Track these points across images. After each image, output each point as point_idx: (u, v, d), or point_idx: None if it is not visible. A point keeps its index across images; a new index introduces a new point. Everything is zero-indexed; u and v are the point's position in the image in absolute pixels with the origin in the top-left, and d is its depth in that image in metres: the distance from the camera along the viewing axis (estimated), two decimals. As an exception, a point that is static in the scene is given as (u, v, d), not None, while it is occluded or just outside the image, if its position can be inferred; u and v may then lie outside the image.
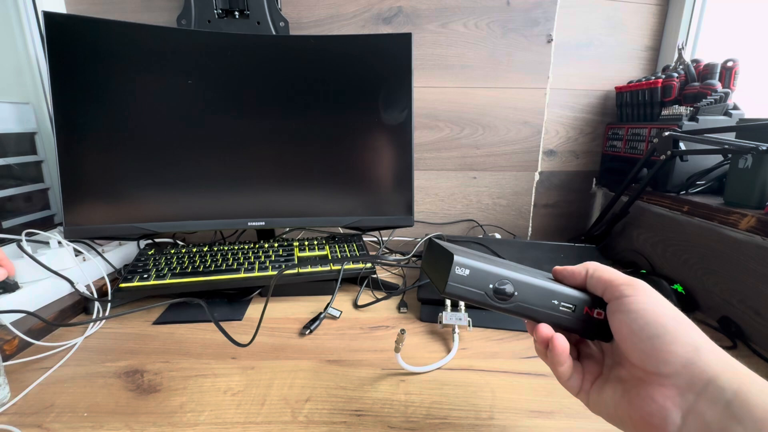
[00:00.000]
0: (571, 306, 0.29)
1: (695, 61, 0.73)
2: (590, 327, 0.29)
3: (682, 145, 0.64)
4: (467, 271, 0.28)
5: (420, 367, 0.45)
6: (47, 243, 0.60)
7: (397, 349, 0.43)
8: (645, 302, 0.24)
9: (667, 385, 0.22)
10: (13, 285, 0.53)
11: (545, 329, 0.29)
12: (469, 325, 0.52)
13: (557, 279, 0.31)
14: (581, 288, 0.30)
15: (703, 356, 0.21)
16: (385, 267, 0.77)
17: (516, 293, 0.29)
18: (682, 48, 0.76)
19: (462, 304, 0.54)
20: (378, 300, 0.63)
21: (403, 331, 0.43)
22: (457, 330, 0.51)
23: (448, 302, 0.54)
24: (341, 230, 0.84)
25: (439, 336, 0.53)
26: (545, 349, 0.29)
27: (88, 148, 0.63)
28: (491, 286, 0.29)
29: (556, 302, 0.29)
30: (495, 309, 0.29)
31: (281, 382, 0.43)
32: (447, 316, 0.52)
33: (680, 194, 0.68)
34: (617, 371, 0.27)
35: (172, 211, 0.68)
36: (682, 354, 0.22)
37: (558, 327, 0.30)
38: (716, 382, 0.20)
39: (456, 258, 0.28)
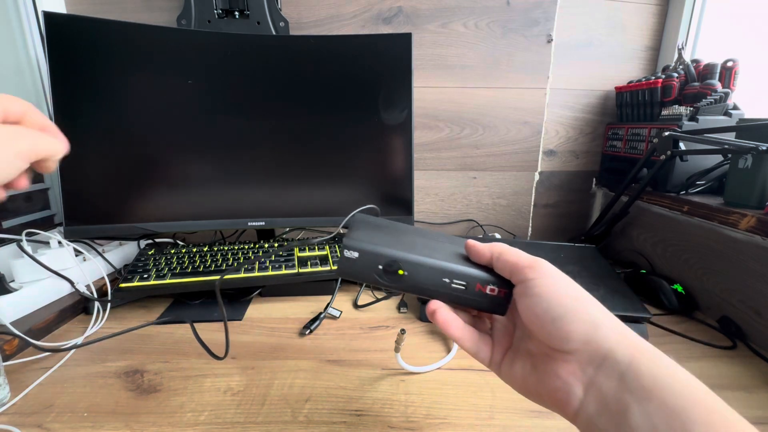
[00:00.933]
0: (462, 284, 0.29)
1: (695, 61, 0.73)
2: (484, 303, 0.30)
3: (682, 145, 0.64)
4: (356, 254, 0.29)
5: (420, 367, 0.45)
6: (47, 243, 0.60)
7: (397, 349, 0.43)
8: (547, 284, 0.25)
9: (570, 361, 0.23)
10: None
11: (432, 304, 0.29)
12: None
13: (468, 255, 0.31)
14: (489, 266, 0.30)
15: (601, 332, 0.22)
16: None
17: (406, 273, 0.29)
18: (682, 48, 0.76)
19: None
20: (378, 300, 0.63)
21: (403, 331, 0.43)
22: None
23: None
24: (341, 230, 0.84)
25: (439, 336, 0.53)
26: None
27: (87, 148, 0.63)
28: (380, 267, 0.29)
29: (447, 280, 0.29)
30: (389, 287, 0.30)
31: (281, 382, 0.43)
32: None
33: (680, 194, 0.68)
34: (526, 344, 0.27)
35: (172, 211, 0.68)
36: (582, 332, 0.22)
37: (454, 303, 0.30)
38: (612, 356, 0.21)
39: (345, 241, 0.29)
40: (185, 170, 0.67)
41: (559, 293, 0.24)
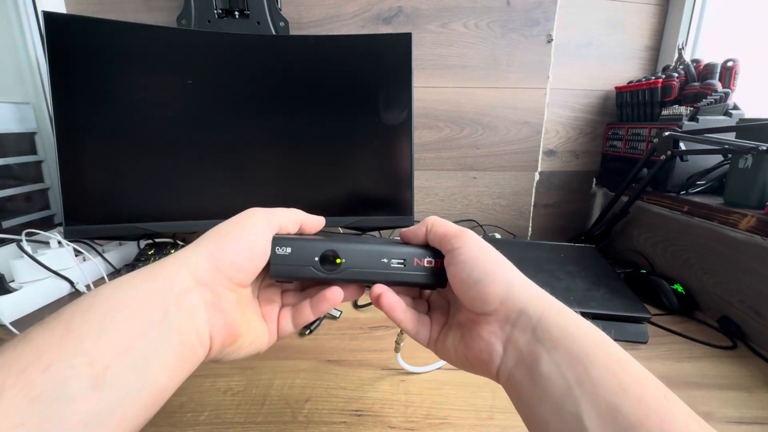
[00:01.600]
0: (401, 260, 0.29)
1: (695, 61, 0.73)
2: (424, 277, 0.30)
3: (682, 145, 0.64)
4: (288, 249, 0.28)
5: (420, 367, 0.45)
6: (47, 243, 0.60)
7: (396, 349, 0.43)
8: (471, 251, 0.26)
9: (491, 321, 0.25)
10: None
11: (376, 288, 0.29)
12: None
13: (405, 241, 0.32)
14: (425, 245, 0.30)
15: (516, 291, 0.24)
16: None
17: (344, 260, 0.29)
18: (682, 48, 0.76)
19: None
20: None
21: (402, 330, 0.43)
22: None
23: None
24: (341, 230, 0.84)
25: (439, 336, 0.53)
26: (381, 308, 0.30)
27: (88, 148, 0.63)
28: (316, 258, 0.28)
29: (386, 260, 0.29)
30: (327, 281, 0.29)
31: (281, 382, 0.43)
32: None
33: (680, 194, 0.68)
34: (457, 317, 0.29)
35: (172, 211, 0.68)
36: (500, 292, 0.24)
37: (396, 285, 0.30)
38: (526, 312, 0.23)
39: (274, 240, 0.28)
40: (185, 170, 0.67)
41: (480, 259, 0.26)
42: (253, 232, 0.26)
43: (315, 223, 0.32)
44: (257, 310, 0.30)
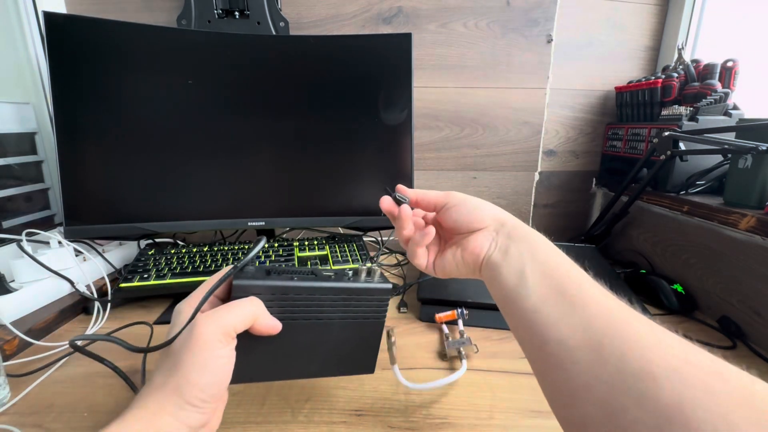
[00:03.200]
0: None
1: (695, 61, 0.73)
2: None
3: (682, 145, 0.64)
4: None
5: (422, 384, 0.41)
6: (47, 243, 0.60)
7: (392, 360, 0.41)
8: (462, 196, 0.37)
9: (484, 232, 0.34)
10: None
11: (386, 202, 0.39)
12: (475, 348, 0.48)
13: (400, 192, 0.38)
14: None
15: (499, 211, 0.36)
16: (384, 266, 0.77)
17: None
18: (682, 48, 0.76)
19: (461, 325, 0.52)
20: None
21: (389, 334, 0.43)
22: (463, 351, 0.47)
23: (445, 329, 0.52)
24: (341, 230, 0.84)
25: (439, 336, 0.53)
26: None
27: (88, 148, 0.63)
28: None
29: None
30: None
31: (281, 382, 0.43)
32: (450, 344, 0.48)
33: (680, 194, 0.68)
34: (453, 240, 0.37)
35: (172, 211, 0.68)
36: (491, 213, 0.35)
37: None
38: (506, 224, 0.34)
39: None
40: (185, 170, 0.67)
41: (471, 199, 0.37)
42: (221, 361, 0.27)
43: (269, 327, 0.30)
44: None
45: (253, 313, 0.29)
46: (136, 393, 0.41)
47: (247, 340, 0.29)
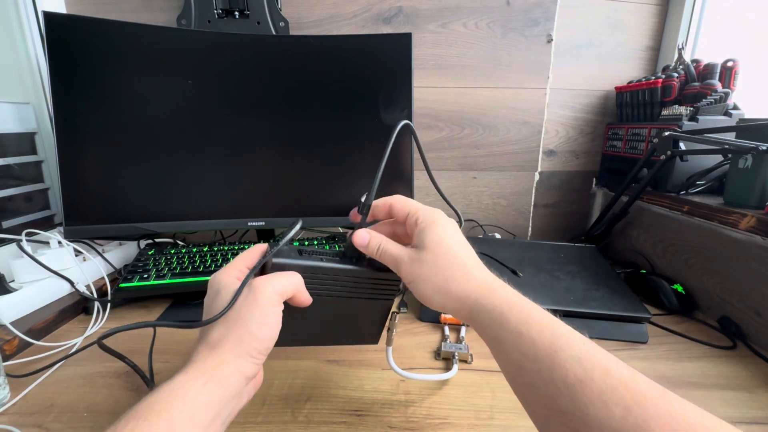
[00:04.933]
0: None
1: (695, 61, 0.73)
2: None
3: (682, 145, 0.64)
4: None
5: (411, 374, 0.42)
6: (47, 243, 0.60)
7: (389, 341, 0.41)
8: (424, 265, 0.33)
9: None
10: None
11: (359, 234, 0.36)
12: (470, 358, 0.48)
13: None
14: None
15: (469, 292, 0.31)
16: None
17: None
18: (682, 48, 0.76)
19: (463, 332, 0.53)
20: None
21: (394, 315, 0.42)
22: (456, 357, 0.47)
23: (446, 330, 0.53)
24: (341, 230, 0.84)
25: (439, 336, 0.53)
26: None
27: (88, 148, 0.63)
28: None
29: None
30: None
31: (281, 382, 0.43)
32: (446, 346, 0.49)
33: (680, 194, 0.68)
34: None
35: (172, 211, 0.68)
36: (455, 297, 0.31)
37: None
38: (473, 310, 0.30)
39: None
40: (185, 170, 0.67)
41: (431, 278, 0.32)
42: (275, 318, 0.31)
43: (305, 299, 0.34)
44: None
45: (296, 285, 0.33)
46: (150, 388, 0.41)
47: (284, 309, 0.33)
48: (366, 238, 0.35)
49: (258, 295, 0.30)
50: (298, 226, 0.37)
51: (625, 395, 0.22)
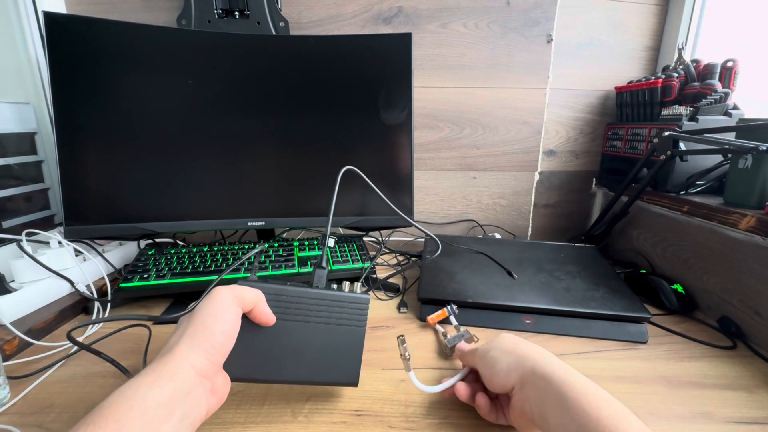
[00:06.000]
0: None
1: (695, 61, 0.73)
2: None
3: (682, 145, 0.64)
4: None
5: (436, 387, 0.40)
6: (47, 243, 0.60)
7: (407, 368, 0.41)
8: (481, 357, 0.39)
9: (515, 392, 0.35)
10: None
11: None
12: (476, 338, 0.50)
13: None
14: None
15: (521, 362, 0.35)
16: (384, 266, 0.77)
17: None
18: (682, 48, 0.76)
19: (454, 321, 0.53)
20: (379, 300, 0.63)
21: (401, 340, 0.43)
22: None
23: (440, 328, 0.53)
24: (341, 230, 0.84)
25: (436, 336, 0.53)
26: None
27: (88, 148, 0.63)
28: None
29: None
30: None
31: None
32: (451, 340, 0.48)
33: (680, 194, 0.68)
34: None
35: (172, 211, 0.68)
36: (510, 370, 0.35)
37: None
38: (529, 375, 0.34)
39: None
40: (185, 170, 0.67)
41: (489, 358, 0.38)
42: (231, 315, 0.32)
43: (266, 314, 0.35)
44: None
45: (256, 296, 0.35)
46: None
47: (246, 330, 0.34)
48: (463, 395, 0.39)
49: (214, 293, 0.33)
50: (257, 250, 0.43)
51: None
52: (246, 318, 0.35)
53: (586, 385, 0.30)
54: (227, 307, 0.32)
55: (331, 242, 0.68)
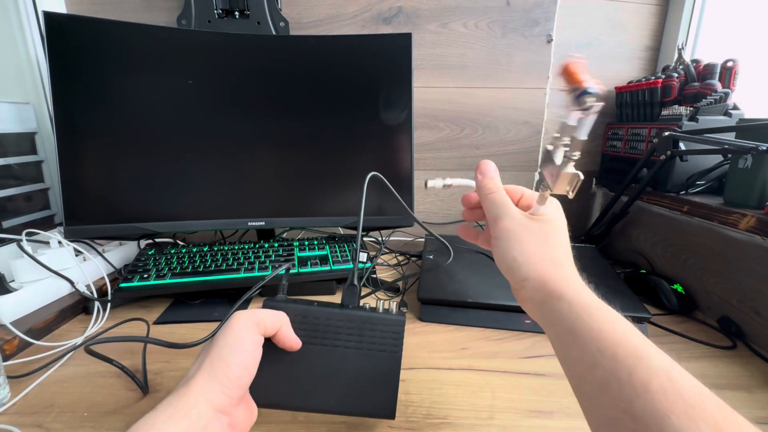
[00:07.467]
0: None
1: (695, 61, 0.73)
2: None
3: (682, 145, 0.64)
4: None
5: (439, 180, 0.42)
6: (47, 243, 0.60)
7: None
8: (505, 234, 0.36)
9: (521, 291, 0.33)
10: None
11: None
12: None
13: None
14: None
15: (544, 272, 0.32)
16: (384, 266, 0.77)
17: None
18: (682, 48, 0.76)
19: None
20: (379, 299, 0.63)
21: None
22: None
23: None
24: (341, 230, 0.84)
25: (440, 335, 0.53)
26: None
27: (88, 147, 0.63)
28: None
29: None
30: None
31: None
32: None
33: (680, 194, 0.68)
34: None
35: (172, 211, 0.68)
36: (528, 274, 0.32)
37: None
38: (548, 294, 0.30)
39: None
40: (185, 170, 0.67)
41: (512, 241, 0.35)
42: (250, 346, 0.30)
43: (291, 339, 0.33)
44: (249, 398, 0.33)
45: (279, 320, 0.33)
46: (144, 391, 0.42)
47: (271, 355, 0.32)
48: (491, 170, 0.37)
49: (233, 320, 0.31)
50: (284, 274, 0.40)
51: (718, 417, 0.21)
52: (271, 342, 0.33)
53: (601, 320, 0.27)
54: (246, 336, 0.30)
55: (363, 256, 0.66)
